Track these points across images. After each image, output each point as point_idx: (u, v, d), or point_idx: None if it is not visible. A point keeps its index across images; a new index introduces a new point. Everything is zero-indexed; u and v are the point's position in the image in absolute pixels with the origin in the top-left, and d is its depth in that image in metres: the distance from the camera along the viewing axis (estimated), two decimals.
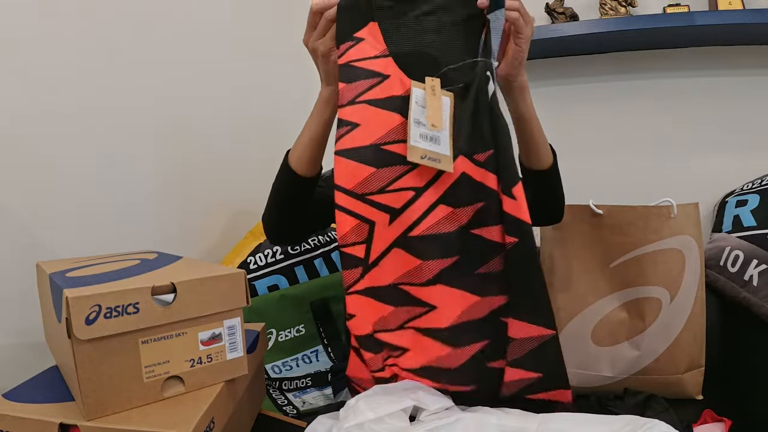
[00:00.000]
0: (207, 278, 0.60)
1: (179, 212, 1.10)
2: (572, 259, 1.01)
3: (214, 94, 1.20)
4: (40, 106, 0.80)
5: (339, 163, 0.62)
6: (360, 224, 0.61)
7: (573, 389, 1.01)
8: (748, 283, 1.01)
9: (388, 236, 0.61)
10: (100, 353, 0.53)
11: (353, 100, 0.65)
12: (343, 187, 0.62)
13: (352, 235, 0.61)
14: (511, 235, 0.59)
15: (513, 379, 0.62)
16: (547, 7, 1.31)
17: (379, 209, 0.61)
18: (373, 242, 0.60)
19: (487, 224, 0.61)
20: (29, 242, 0.78)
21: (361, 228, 0.61)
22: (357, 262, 0.61)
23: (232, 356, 0.64)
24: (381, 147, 0.62)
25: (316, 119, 0.78)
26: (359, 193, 0.61)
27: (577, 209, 1.01)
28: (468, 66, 0.65)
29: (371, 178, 0.61)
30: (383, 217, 0.61)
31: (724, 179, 1.23)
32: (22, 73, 0.77)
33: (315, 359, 1.20)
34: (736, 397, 0.99)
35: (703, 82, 1.29)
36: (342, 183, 0.62)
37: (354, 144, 0.62)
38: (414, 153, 0.60)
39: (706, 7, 1.22)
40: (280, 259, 1.18)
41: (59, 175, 0.83)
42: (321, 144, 0.79)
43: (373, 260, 0.60)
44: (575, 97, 1.39)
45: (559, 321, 1.00)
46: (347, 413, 0.58)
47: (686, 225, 0.97)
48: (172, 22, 1.07)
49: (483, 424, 0.57)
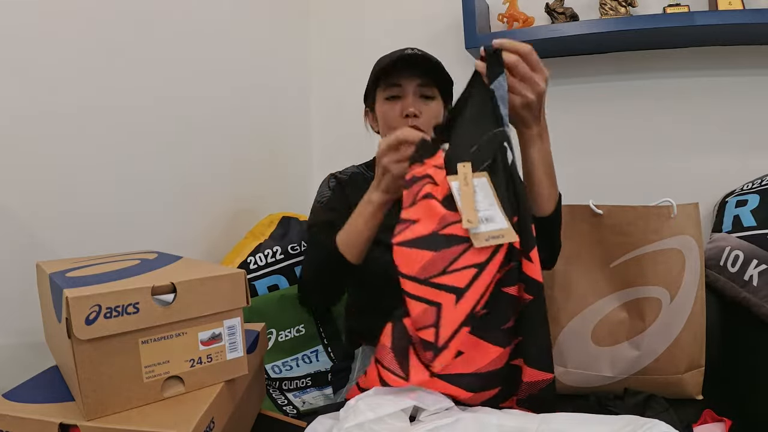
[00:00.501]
0: (207, 278, 0.60)
1: (179, 212, 1.10)
2: (572, 259, 1.01)
3: (214, 94, 1.20)
4: (41, 106, 0.80)
5: (399, 253, 0.63)
6: (427, 308, 0.60)
7: (573, 389, 1.02)
8: (748, 283, 1.01)
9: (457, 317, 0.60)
10: (100, 353, 0.53)
11: (413, 201, 0.67)
12: (406, 274, 0.62)
13: (422, 320, 0.61)
14: (528, 293, 0.64)
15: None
16: (547, 7, 1.31)
17: (445, 290, 0.60)
18: (441, 324, 0.60)
19: (513, 283, 0.64)
20: (29, 242, 0.78)
21: (428, 312, 0.60)
22: (427, 346, 0.60)
23: (232, 356, 0.64)
24: (438, 233, 0.63)
25: (370, 222, 0.81)
26: (422, 277, 0.61)
27: (577, 209, 1.01)
28: (488, 140, 0.68)
29: (433, 261, 0.61)
30: (449, 297, 0.60)
31: (724, 179, 1.23)
32: (22, 73, 0.77)
33: (315, 359, 1.20)
34: (736, 397, 0.99)
35: (703, 82, 1.29)
36: (405, 270, 0.62)
37: (413, 235, 0.64)
38: (479, 239, 0.61)
39: (706, 7, 1.22)
40: (280, 259, 1.18)
41: (59, 175, 0.83)
42: (372, 239, 0.84)
43: (443, 343, 0.60)
44: (575, 97, 1.39)
45: (559, 321, 1.00)
46: (347, 413, 0.58)
47: (686, 225, 0.97)
48: (172, 22, 1.07)
49: (483, 424, 0.57)
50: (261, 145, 1.40)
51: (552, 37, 1.21)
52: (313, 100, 1.67)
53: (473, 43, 1.27)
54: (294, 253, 1.21)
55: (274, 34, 1.46)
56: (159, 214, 1.04)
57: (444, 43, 1.46)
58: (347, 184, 1.05)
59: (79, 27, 0.86)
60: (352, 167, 1.11)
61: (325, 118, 1.67)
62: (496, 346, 0.63)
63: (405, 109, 0.93)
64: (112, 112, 0.93)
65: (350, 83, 1.64)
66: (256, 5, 1.38)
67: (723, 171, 1.26)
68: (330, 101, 1.66)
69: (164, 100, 1.05)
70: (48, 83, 0.81)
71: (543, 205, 0.80)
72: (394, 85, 0.95)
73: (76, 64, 0.86)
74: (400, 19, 1.55)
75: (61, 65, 0.83)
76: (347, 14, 1.61)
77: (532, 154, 0.77)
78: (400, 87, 0.95)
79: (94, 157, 0.89)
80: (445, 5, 1.47)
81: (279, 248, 1.18)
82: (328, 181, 1.07)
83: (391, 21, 1.56)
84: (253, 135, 1.36)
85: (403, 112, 0.94)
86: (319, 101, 1.67)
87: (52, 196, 0.82)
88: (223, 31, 1.24)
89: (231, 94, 1.27)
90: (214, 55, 1.20)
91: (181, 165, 1.10)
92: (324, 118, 1.67)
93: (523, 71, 0.70)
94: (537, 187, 0.78)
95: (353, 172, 1.08)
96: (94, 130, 0.89)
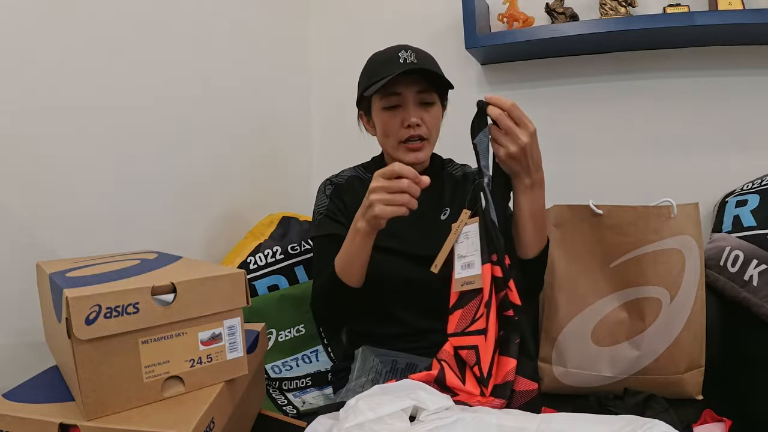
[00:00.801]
0: (207, 278, 0.60)
1: (179, 212, 1.10)
2: (572, 259, 1.01)
3: (214, 94, 1.20)
4: (41, 106, 0.80)
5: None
6: (469, 352, 0.74)
7: (573, 389, 1.02)
8: (748, 283, 1.01)
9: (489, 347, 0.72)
10: (100, 353, 0.53)
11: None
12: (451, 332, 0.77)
13: (470, 360, 0.73)
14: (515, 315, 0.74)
15: None
16: (547, 7, 1.31)
17: (477, 334, 0.74)
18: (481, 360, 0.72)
19: (508, 308, 0.74)
20: (29, 242, 0.78)
21: (470, 354, 0.73)
22: (479, 380, 0.72)
23: (232, 356, 0.64)
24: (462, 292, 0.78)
25: (362, 248, 0.85)
26: (460, 330, 0.76)
27: (577, 209, 1.01)
28: (474, 189, 0.80)
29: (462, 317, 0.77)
30: (480, 338, 0.73)
31: (724, 179, 1.23)
32: (22, 73, 0.77)
33: (315, 359, 1.20)
34: (736, 397, 0.99)
35: (703, 82, 1.29)
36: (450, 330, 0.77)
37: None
38: (457, 284, 0.77)
39: (706, 7, 1.22)
40: (280, 259, 1.18)
41: (59, 175, 0.83)
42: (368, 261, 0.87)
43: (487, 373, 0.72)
44: (575, 97, 1.39)
45: (558, 321, 1.00)
46: (347, 413, 0.58)
47: (686, 225, 0.97)
48: (172, 22, 1.07)
49: (483, 424, 0.57)
50: (261, 145, 1.40)
51: (552, 37, 1.21)
52: (313, 100, 1.67)
53: (473, 43, 1.27)
54: (294, 253, 1.21)
55: (274, 34, 1.46)
56: (159, 214, 1.04)
57: (444, 43, 1.46)
58: (344, 190, 1.04)
59: (79, 27, 0.86)
60: (349, 170, 1.09)
61: (325, 118, 1.67)
62: (511, 358, 0.72)
63: (406, 120, 0.92)
64: (112, 112, 0.93)
65: (350, 83, 1.63)
66: (256, 5, 1.38)
67: (723, 171, 1.26)
68: (330, 101, 1.66)
69: (164, 100, 1.05)
70: (48, 83, 0.81)
71: (525, 249, 0.85)
72: (393, 94, 0.92)
73: (76, 63, 0.86)
74: (400, 19, 1.55)
75: (61, 65, 0.83)
76: (347, 14, 1.61)
77: (521, 203, 0.82)
78: (399, 96, 0.93)
79: (94, 157, 0.89)
80: (445, 5, 1.47)
81: (279, 248, 1.18)
82: (324, 187, 1.06)
83: (391, 21, 1.56)
84: (253, 135, 1.36)
85: (405, 123, 0.92)
86: (319, 101, 1.67)
87: (52, 196, 0.82)
88: (223, 31, 1.24)
89: (231, 94, 1.27)
90: (214, 56, 1.20)
91: (181, 165, 1.10)
92: (324, 118, 1.67)
93: (505, 125, 0.75)
94: (521, 231, 0.84)
95: (350, 176, 1.07)
96: (94, 130, 0.89)
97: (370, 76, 0.95)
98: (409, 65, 0.90)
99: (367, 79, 0.96)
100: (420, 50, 0.95)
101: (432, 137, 0.97)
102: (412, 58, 0.92)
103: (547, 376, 1.02)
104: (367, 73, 0.97)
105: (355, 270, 0.87)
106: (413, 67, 0.89)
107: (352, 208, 1.02)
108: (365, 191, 0.83)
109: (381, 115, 0.95)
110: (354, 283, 0.87)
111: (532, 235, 0.84)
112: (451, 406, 0.62)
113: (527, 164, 0.78)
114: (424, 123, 0.93)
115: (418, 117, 0.92)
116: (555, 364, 1.01)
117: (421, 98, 0.93)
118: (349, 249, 0.86)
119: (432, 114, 0.95)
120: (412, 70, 0.89)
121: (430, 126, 0.95)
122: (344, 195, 1.03)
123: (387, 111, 0.94)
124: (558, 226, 1.02)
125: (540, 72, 1.41)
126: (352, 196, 1.03)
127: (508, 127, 0.75)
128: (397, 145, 0.96)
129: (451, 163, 1.09)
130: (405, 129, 0.93)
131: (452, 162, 1.10)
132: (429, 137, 0.96)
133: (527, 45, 1.26)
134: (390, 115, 0.94)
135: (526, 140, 0.75)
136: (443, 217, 1.00)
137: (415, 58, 0.92)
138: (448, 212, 1.01)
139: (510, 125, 0.75)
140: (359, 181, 1.06)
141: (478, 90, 1.48)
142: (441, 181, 1.04)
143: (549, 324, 1.01)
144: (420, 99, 0.93)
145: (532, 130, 0.76)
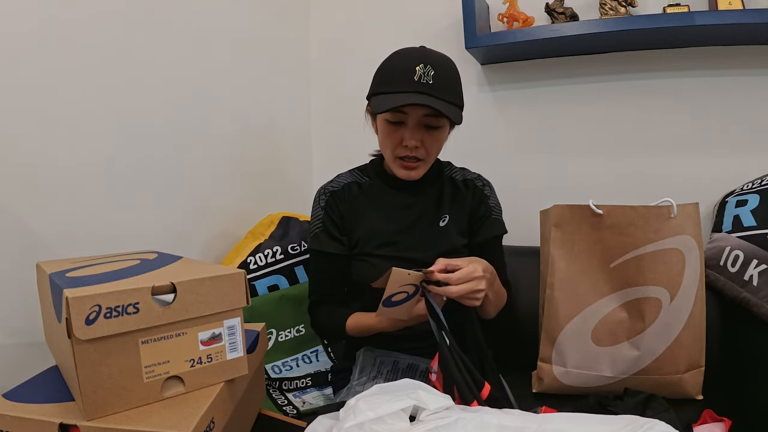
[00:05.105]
0: (207, 278, 0.60)
1: (179, 212, 1.10)
2: (572, 259, 1.01)
3: (214, 94, 1.20)
4: (41, 106, 0.80)
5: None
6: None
7: (573, 389, 1.02)
8: (748, 283, 1.01)
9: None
10: (100, 353, 0.53)
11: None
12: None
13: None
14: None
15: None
16: (547, 7, 1.31)
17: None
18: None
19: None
20: (29, 242, 0.78)
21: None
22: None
23: (232, 356, 0.64)
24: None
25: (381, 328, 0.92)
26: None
27: (577, 209, 1.01)
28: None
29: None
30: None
31: (724, 179, 1.23)
32: (22, 73, 0.77)
33: (315, 359, 1.20)
34: (736, 397, 0.99)
35: (703, 82, 1.29)
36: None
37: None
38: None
39: (706, 7, 1.22)
40: (280, 259, 1.18)
41: (59, 175, 0.83)
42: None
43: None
44: (575, 97, 1.39)
45: (558, 321, 1.00)
46: (347, 413, 0.58)
47: (686, 225, 0.97)
48: (172, 22, 1.07)
49: (483, 424, 0.57)
50: (261, 145, 1.40)
51: (552, 37, 1.20)
52: (313, 100, 1.67)
53: (473, 43, 1.27)
54: (294, 253, 1.21)
55: (274, 34, 1.46)
56: (159, 214, 1.04)
57: (444, 43, 1.45)
58: (340, 198, 1.02)
59: (80, 27, 0.86)
60: (346, 174, 1.07)
61: (325, 118, 1.67)
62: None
63: (405, 140, 0.91)
64: (112, 112, 0.93)
65: (350, 83, 1.65)
66: (256, 5, 1.38)
67: (723, 171, 1.26)
68: (330, 101, 1.66)
69: (164, 100, 1.05)
70: (48, 83, 0.81)
71: (489, 316, 0.98)
72: (399, 111, 0.89)
73: (76, 64, 0.86)
74: (400, 19, 1.55)
75: (61, 65, 0.83)
76: (347, 14, 1.61)
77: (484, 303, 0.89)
78: (404, 114, 0.90)
79: (95, 157, 0.89)
80: (445, 5, 1.47)
81: (279, 248, 1.18)
82: (319, 198, 1.04)
83: (391, 21, 1.56)
84: (253, 135, 1.36)
85: (404, 142, 0.91)
86: (319, 101, 1.67)
87: (52, 196, 0.82)
88: (223, 31, 1.24)
89: (231, 94, 1.27)
90: (214, 56, 1.20)
91: (181, 165, 1.10)
92: (324, 118, 1.67)
93: (458, 294, 0.79)
94: (484, 310, 0.94)
95: (347, 182, 1.04)
96: (95, 130, 0.89)
97: (383, 83, 0.90)
98: (422, 86, 0.85)
99: (380, 83, 0.91)
100: (440, 65, 0.88)
101: (430, 158, 0.96)
102: (428, 78, 0.85)
103: (547, 376, 1.01)
104: (382, 75, 0.92)
105: (370, 334, 0.95)
106: (420, 100, 0.84)
107: (348, 218, 1.01)
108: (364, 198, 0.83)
109: (383, 126, 0.94)
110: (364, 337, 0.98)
111: (494, 309, 0.97)
112: (451, 405, 0.62)
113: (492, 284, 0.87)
114: (423, 146, 0.92)
115: (418, 140, 0.91)
116: (555, 364, 1.01)
117: (427, 122, 0.91)
118: (370, 326, 0.93)
119: (435, 137, 0.93)
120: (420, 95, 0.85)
121: (429, 148, 0.93)
122: (340, 204, 1.02)
123: (390, 124, 0.92)
124: (558, 226, 1.01)
125: (540, 72, 1.41)
126: (349, 205, 1.01)
127: (463, 294, 0.79)
128: (393, 159, 0.95)
129: (450, 167, 1.08)
130: (403, 147, 0.92)
131: (451, 165, 1.09)
132: (426, 158, 0.94)
133: (527, 45, 1.26)
134: (392, 129, 0.92)
135: (483, 284, 0.81)
136: (442, 224, 1.00)
137: (431, 78, 0.86)
138: (447, 219, 1.00)
139: (465, 287, 0.79)
140: (357, 188, 1.04)
141: (478, 90, 1.48)
142: (440, 186, 1.04)
143: (549, 324, 1.01)
144: (425, 122, 0.91)
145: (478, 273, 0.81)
